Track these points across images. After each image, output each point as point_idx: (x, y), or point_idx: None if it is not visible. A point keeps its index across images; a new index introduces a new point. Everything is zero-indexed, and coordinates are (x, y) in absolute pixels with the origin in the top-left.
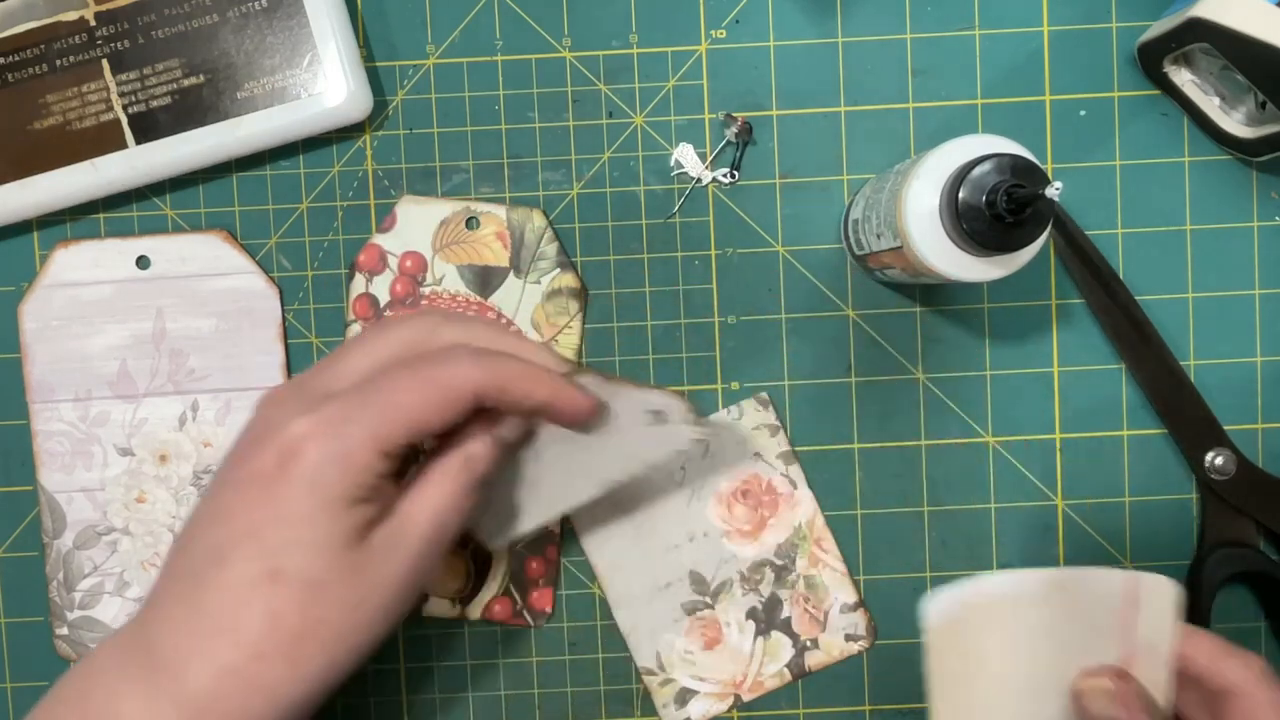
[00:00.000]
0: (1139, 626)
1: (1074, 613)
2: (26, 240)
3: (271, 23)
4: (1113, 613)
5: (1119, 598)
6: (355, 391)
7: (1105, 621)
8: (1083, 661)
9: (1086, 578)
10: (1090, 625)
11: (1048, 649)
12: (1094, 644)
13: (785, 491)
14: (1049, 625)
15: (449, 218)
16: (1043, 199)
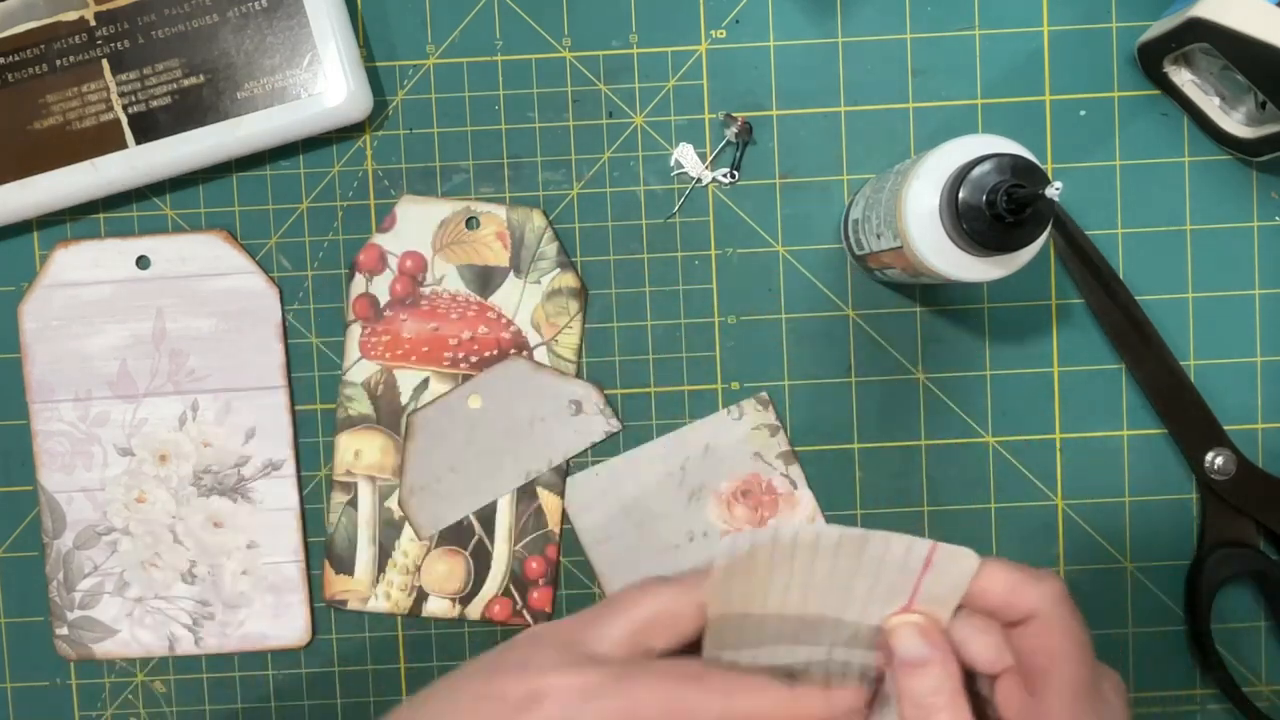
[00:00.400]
0: (926, 586)
1: (864, 568)
2: (26, 240)
3: (271, 23)
4: (905, 575)
5: (917, 561)
6: (612, 676)
7: (895, 580)
8: (863, 611)
9: (889, 542)
10: (878, 582)
11: (828, 595)
12: (879, 597)
13: (785, 491)
14: (834, 574)
15: (449, 218)
16: (1043, 199)
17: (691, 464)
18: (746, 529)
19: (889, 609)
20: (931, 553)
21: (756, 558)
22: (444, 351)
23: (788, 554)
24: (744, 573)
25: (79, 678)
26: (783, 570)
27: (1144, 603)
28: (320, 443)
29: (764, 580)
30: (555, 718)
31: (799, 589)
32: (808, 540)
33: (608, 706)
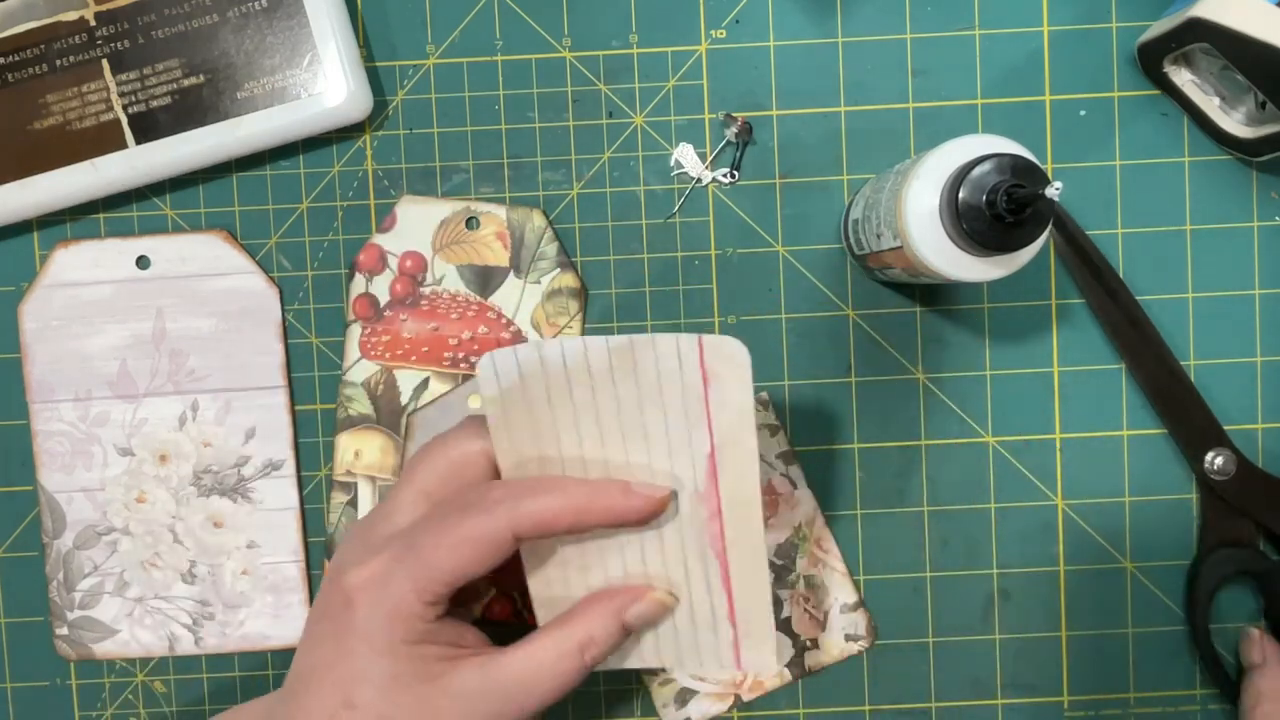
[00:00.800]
0: (716, 409)
1: (647, 392)
2: (26, 240)
3: (271, 23)
4: (692, 398)
5: (694, 375)
6: (400, 543)
7: (686, 407)
8: (670, 453)
9: (656, 346)
10: (669, 412)
11: (627, 434)
12: (678, 434)
13: (785, 491)
14: (622, 406)
15: (449, 218)
16: (1043, 199)
17: None
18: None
19: (696, 445)
20: (702, 357)
21: (530, 390)
22: (444, 351)
23: (563, 384)
24: (524, 410)
25: (79, 678)
26: (564, 405)
27: (1144, 603)
28: (320, 443)
29: (549, 418)
30: (366, 613)
31: (591, 425)
32: (577, 360)
33: (402, 580)
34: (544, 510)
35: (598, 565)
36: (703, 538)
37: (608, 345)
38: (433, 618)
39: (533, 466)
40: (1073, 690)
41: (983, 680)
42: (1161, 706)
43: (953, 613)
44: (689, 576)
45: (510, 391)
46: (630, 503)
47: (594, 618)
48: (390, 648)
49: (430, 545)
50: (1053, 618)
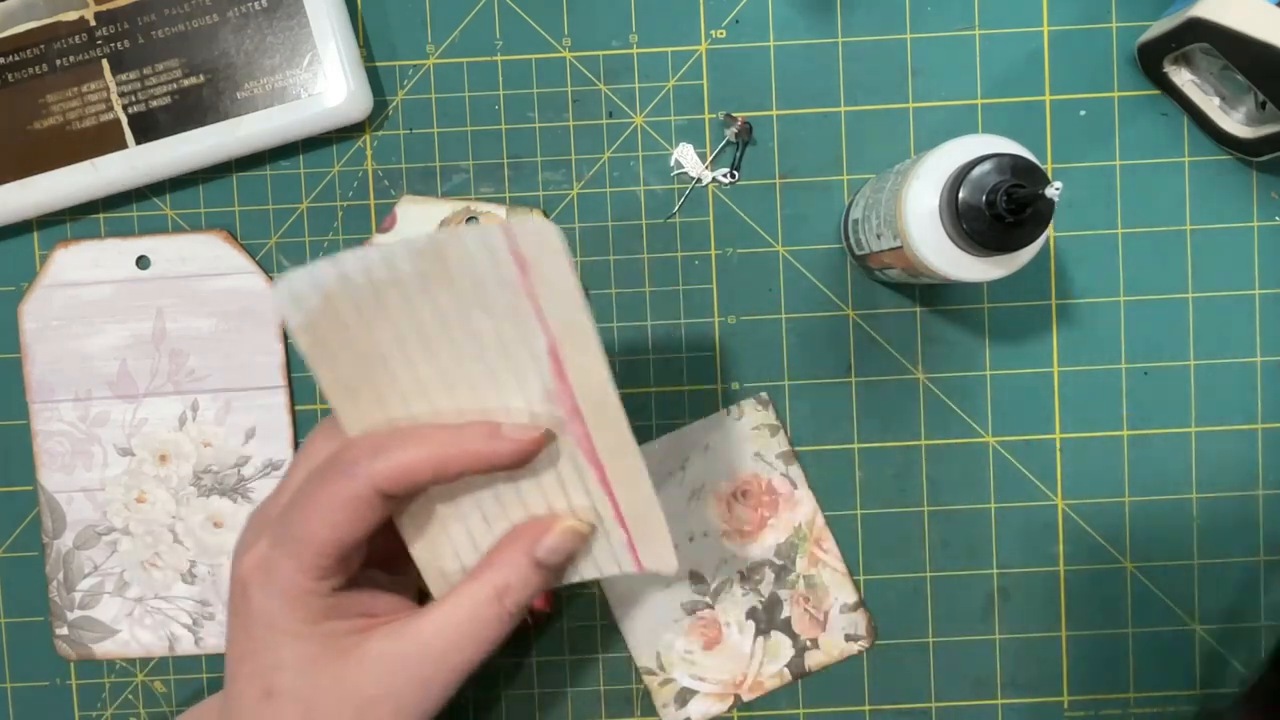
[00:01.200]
0: (543, 297)
1: (464, 293)
2: (26, 240)
3: (271, 23)
4: (513, 291)
5: (509, 266)
6: (278, 521)
7: (510, 304)
8: (510, 359)
9: (462, 240)
10: (495, 311)
11: (460, 345)
12: (510, 332)
13: (785, 491)
14: (444, 315)
15: (449, 218)
16: (1043, 199)
17: (691, 464)
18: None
19: (533, 344)
20: (514, 245)
21: (340, 312)
22: None
23: (373, 300)
24: (340, 335)
25: (79, 678)
26: (381, 323)
27: (1144, 603)
28: None
29: (369, 341)
30: (259, 600)
31: (417, 343)
32: (380, 271)
33: (283, 561)
34: (404, 463)
35: (474, 512)
36: (567, 440)
37: (409, 249)
38: (329, 591)
39: (366, 396)
40: (1073, 690)
41: (983, 680)
42: (1161, 706)
43: (953, 613)
44: (565, 487)
45: (318, 317)
46: (498, 446)
47: (505, 562)
48: (294, 630)
49: (301, 520)
50: (1053, 618)
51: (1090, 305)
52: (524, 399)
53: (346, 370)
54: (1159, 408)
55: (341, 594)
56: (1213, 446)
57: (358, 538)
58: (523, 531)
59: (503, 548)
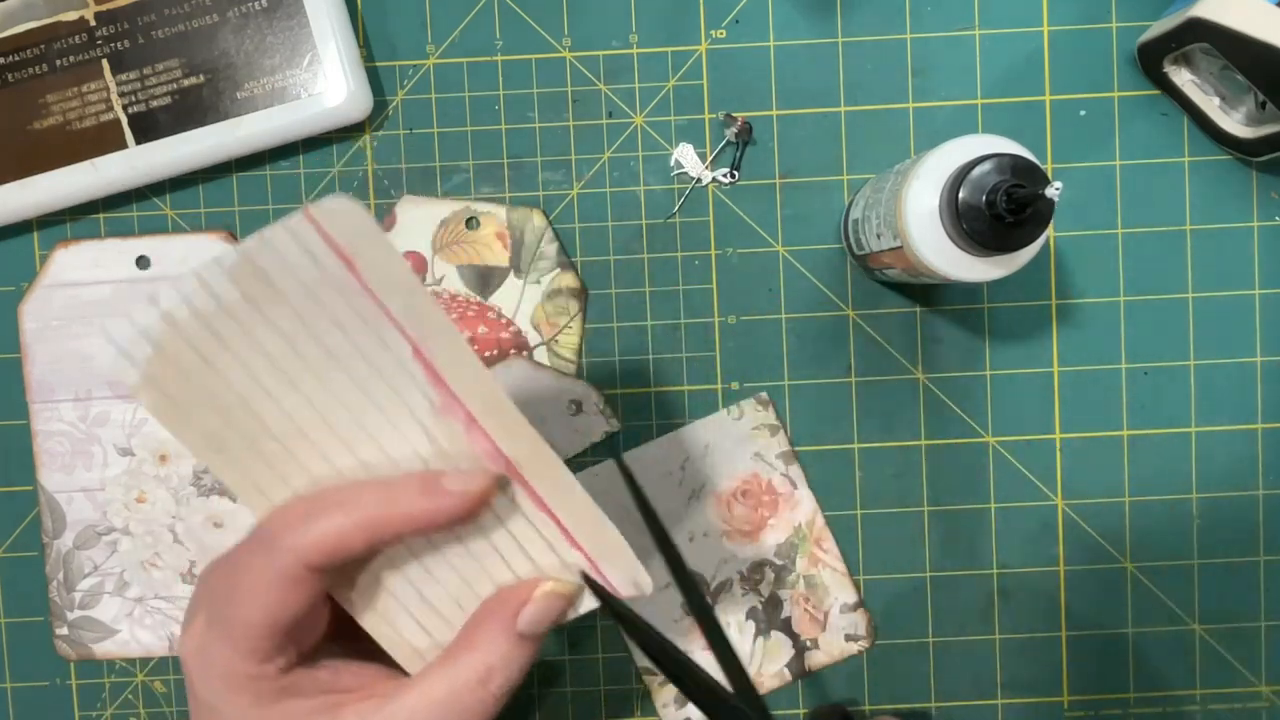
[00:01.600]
0: (380, 289)
1: (295, 300)
2: (26, 240)
3: (271, 23)
4: (350, 293)
5: (330, 259)
6: (207, 601)
7: (354, 305)
8: (385, 379)
9: (270, 245)
10: (341, 323)
11: (293, 353)
12: (351, 326)
13: (785, 491)
14: (286, 333)
15: (449, 218)
16: (1043, 199)
17: (691, 464)
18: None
19: (397, 350)
20: (327, 238)
21: (177, 359)
22: None
23: (206, 336)
24: (184, 385)
25: (79, 678)
26: (225, 361)
27: (1144, 603)
28: None
29: (218, 383)
30: (201, 687)
31: (271, 375)
32: (201, 301)
33: (218, 646)
34: (331, 533)
35: (419, 570)
36: (477, 457)
37: (223, 267)
38: (276, 673)
39: (238, 446)
40: (1073, 690)
41: (983, 680)
42: (1161, 706)
43: (953, 613)
44: (499, 514)
45: (155, 369)
46: (440, 504)
47: (487, 642)
48: (243, 716)
49: (229, 603)
50: (1053, 618)
51: (1090, 305)
52: (412, 417)
53: (206, 423)
54: (1159, 408)
55: (298, 671)
56: (1213, 446)
57: (293, 616)
58: (498, 603)
59: (480, 623)
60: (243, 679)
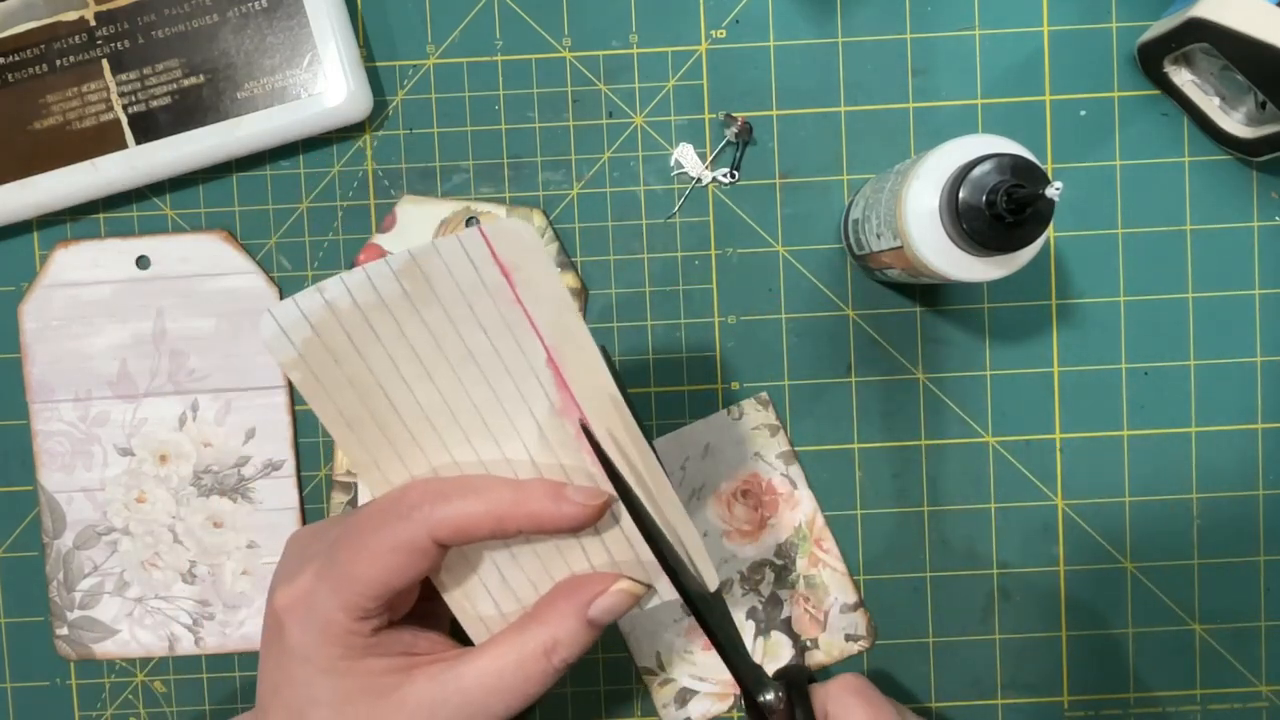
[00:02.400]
0: (531, 305)
1: (454, 314)
2: (26, 240)
3: (271, 23)
4: (502, 299)
5: (493, 272)
6: (324, 555)
7: (499, 312)
8: (517, 385)
9: (441, 252)
10: (489, 329)
11: (436, 348)
12: (510, 357)
13: (785, 491)
14: (435, 329)
15: (449, 218)
16: (1043, 199)
17: (691, 464)
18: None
19: (531, 355)
20: (494, 251)
21: (330, 341)
22: None
23: (362, 324)
24: (332, 365)
25: (79, 678)
26: (373, 349)
27: (1144, 603)
28: (320, 443)
29: (362, 368)
30: (297, 636)
31: (413, 364)
32: (365, 293)
33: (326, 598)
34: (464, 514)
35: (505, 553)
36: (582, 460)
37: (392, 267)
38: (369, 631)
39: (368, 428)
40: (1073, 690)
41: (983, 680)
42: (1161, 706)
43: (953, 613)
44: (598, 527)
45: (309, 349)
46: (563, 510)
47: (556, 618)
48: (331, 666)
49: (350, 559)
50: (1053, 618)
51: (1090, 305)
52: (530, 416)
53: (344, 402)
54: (1159, 408)
55: (382, 633)
56: (1213, 446)
57: (406, 583)
58: (575, 587)
59: (554, 602)
60: (340, 631)
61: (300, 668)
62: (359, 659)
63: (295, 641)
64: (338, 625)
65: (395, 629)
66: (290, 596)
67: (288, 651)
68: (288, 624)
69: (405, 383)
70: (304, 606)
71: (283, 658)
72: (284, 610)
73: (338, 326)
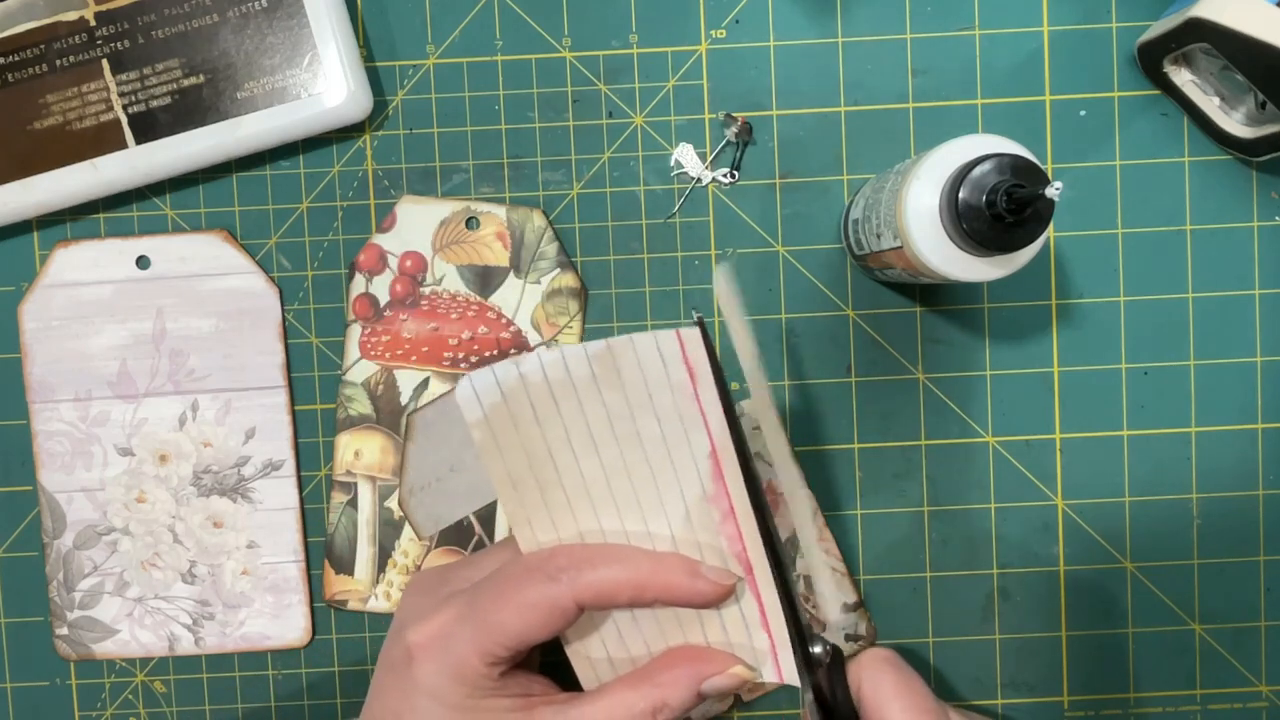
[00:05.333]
0: (704, 400)
1: (633, 392)
2: (26, 240)
3: (271, 23)
4: (683, 395)
5: (679, 369)
6: (466, 600)
7: (677, 406)
8: (675, 464)
9: (635, 344)
10: (659, 414)
11: (625, 445)
12: (667, 421)
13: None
14: (612, 411)
15: (449, 218)
16: (1043, 199)
17: None
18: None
19: (695, 446)
20: (684, 352)
21: (515, 409)
22: (444, 352)
23: (548, 398)
24: (512, 430)
25: (79, 678)
26: (552, 421)
27: (1144, 603)
28: (320, 443)
29: (538, 436)
30: (428, 672)
31: (584, 439)
32: (557, 372)
33: (464, 642)
34: (607, 581)
35: (628, 617)
36: (719, 542)
37: (586, 353)
38: (496, 676)
39: (529, 488)
40: (1073, 690)
41: (983, 680)
42: (1161, 706)
43: (953, 613)
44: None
45: (495, 413)
46: (698, 586)
47: (673, 683)
48: (459, 704)
49: (493, 608)
50: (1053, 618)
51: (1090, 305)
52: (681, 499)
53: (514, 464)
54: (1159, 408)
55: (504, 677)
56: (1213, 446)
57: (543, 638)
58: (694, 658)
59: (670, 666)
60: (471, 673)
61: (427, 702)
62: (484, 698)
63: (426, 677)
64: (470, 668)
65: (515, 674)
66: (426, 634)
67: (415, 685)
68: (420, 659)
69: (574, 453)
70: (440, 646)
71: (409, 690)
72: (418, 646)
73: (525, 397)
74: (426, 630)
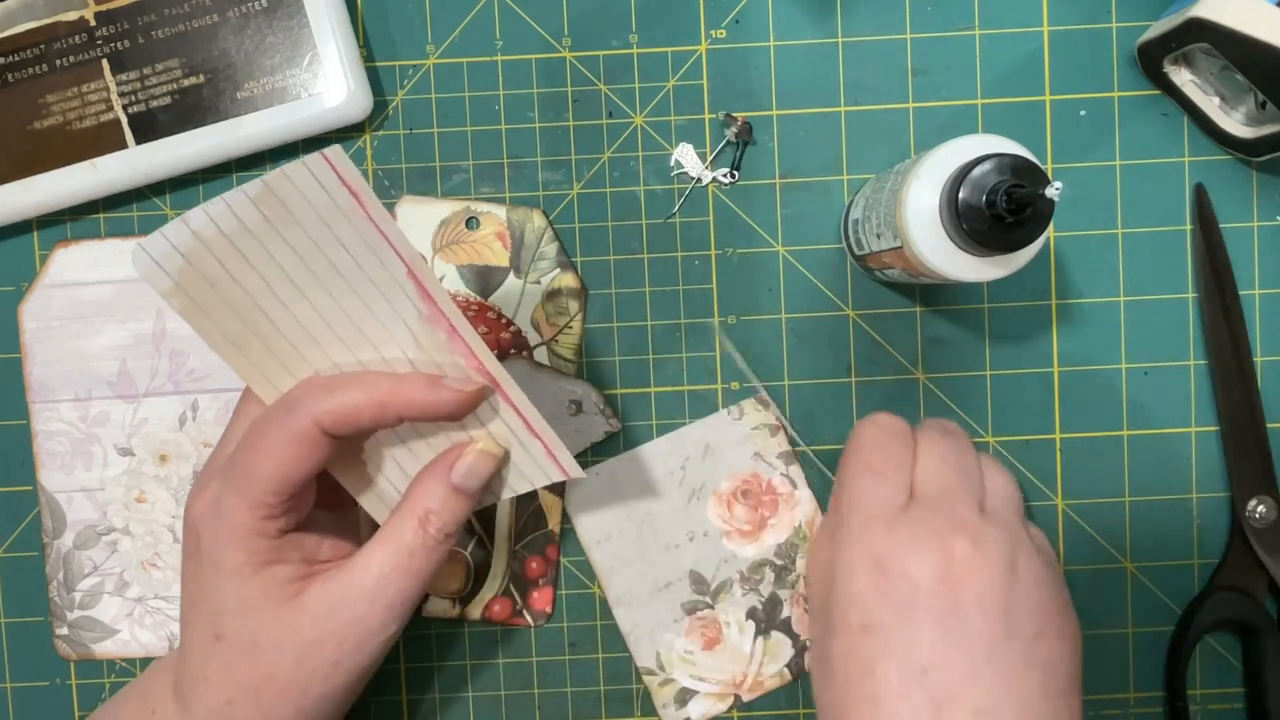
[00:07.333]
0: (377, 219)
1: (308, 225)
2: (26, 240)
3: (271, 23)
4: (349, 212)
5: (334, 186)
6: (226, 464)
7: (348, 224)
8: (352, 266)
9: (289, 177)
10: (337, 234)
11: (305, 268)
12: (355, 248)
13: (785, 491)
14: (298, 245)
15: (449, 218)
16: (1043, 199)
17: (691, 464)
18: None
19: (392, 269)
20: (340, 174)
21: (203, 268)
22: None
23: (231, 250)
24: (209, 291)
25: (79, 678)
26: (245, 273)
27: (1144, 603)
28: None
29: (238, 291)
30: (208, 541)
31: (285, 285)
32: (228, 221)
33: (231, 499)
34: (347, 403)
35: (401, 448)
36: (456, 359)
37: (248, 194)
38: (275, 533)
39: (254, 346)
40: None
41: None
42: (1161, 707)
43: None
44: (479, 413)
45: (185, 277)
46: (439, 396)
47: (424, 490)
48: (238, 571)
49: (247, 457)
50: None
51: (1090, 305)
52: (403, 325)
53: (226, 323)
54: (1159, 408)
55: (288, 536)
56: (1212, 446)
57: (303, 474)
58: (439, 459)
59: (421, 477)
60: (247, 531)
61: (211, 576)
62: (264, 566)
63: (207, 549)
64: (244, 526)
65: (299, 534)
66: (201, 505)
67: (202, 560)
68: (201, 530)
69: (280, 301)
70: (213, 513)
71: (199, 569)
72: (197, 518)
73: (208, 253)
74: (201, 500)
